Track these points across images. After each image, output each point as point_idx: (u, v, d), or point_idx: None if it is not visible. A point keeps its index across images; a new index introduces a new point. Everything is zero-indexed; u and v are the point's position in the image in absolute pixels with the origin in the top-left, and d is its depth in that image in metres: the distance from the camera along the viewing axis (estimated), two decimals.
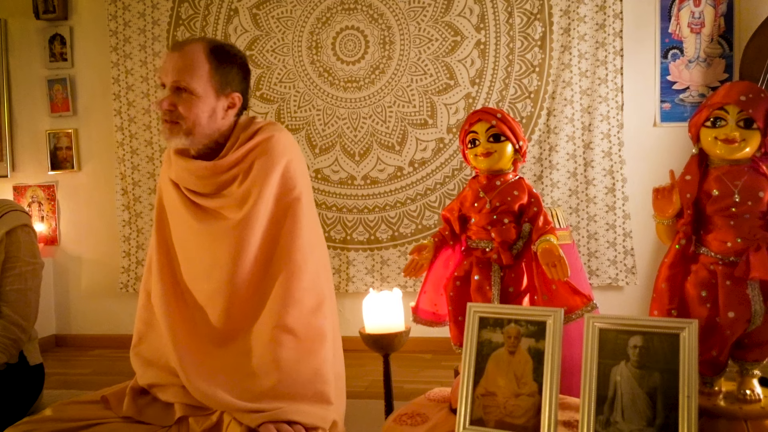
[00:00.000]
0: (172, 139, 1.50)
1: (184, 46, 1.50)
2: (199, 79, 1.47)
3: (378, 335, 1.58)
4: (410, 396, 1.63)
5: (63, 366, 3.11)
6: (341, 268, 3.40)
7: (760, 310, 1.25)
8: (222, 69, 1.50)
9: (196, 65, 1.47)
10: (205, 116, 1.49)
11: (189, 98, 1.46)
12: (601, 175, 3.16)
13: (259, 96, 3.45)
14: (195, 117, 1.47)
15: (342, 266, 3.40)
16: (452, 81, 3.29)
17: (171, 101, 1.47)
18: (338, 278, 3.38)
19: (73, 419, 1.43)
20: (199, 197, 1.55)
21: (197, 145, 1.52)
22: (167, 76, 1.48)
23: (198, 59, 1.47)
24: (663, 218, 1.35)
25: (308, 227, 1.52)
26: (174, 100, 1.47)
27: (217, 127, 1.53)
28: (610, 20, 3.13)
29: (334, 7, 3.39)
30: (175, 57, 1.49)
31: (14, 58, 3.78)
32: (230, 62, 1.53)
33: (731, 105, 1.25)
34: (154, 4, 3.55)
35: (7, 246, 1.95)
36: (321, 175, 3.40)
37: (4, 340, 1.89)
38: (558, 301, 1.38)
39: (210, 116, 1.50)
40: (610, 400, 1.11)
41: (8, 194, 3.76)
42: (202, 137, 1.51)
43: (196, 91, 1.46)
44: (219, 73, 1.50)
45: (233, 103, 1.53)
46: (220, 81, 1.50)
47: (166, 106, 1.48)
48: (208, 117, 1.49)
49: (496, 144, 1.44)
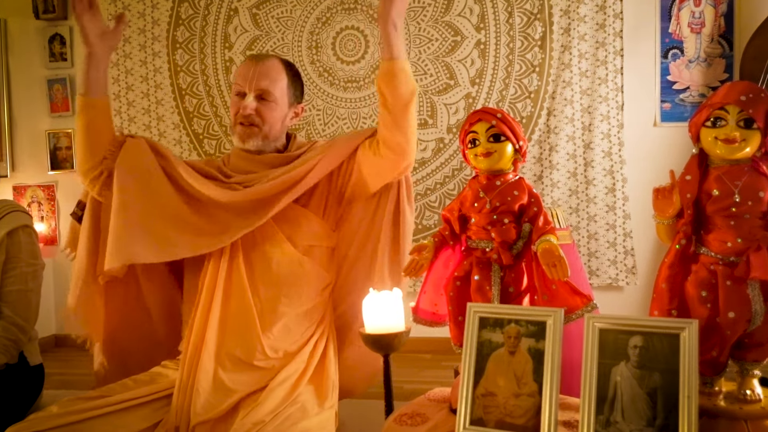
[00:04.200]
0: (249, 140, 1.69)
1: (264, 60, 1.70)
2: (281, 89, 1.69)
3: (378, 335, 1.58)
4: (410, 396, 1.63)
5: (63, 366, 3.11)
6: None
7: (760, 310, 1.25)
8: (294, 82, 1.74)
9: (279, 77, 1.69)
10: (279, 122, 1.71)
11: (271, 105, 1.67)
12: (601, 175, 3.16)
13: None
14: (273, 121, 1.69)
15: None
16: (452, 81, 3.29)
17: (255, 107, 1.66)
18: None
19: (77, 412, 1.45)
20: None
21: (268, 147, 1.72)
22: (250, 83, 1.66)
23: (279, 71, 1.70)
24: (663, 218, 1.35)
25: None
26: (257, 106, 1.67)
27: (283, 132, 1.76)
28: (610, 20, 3.13)
29: (334, 7, 3.39)
30: (258, 67, 1.67)
31: (14, 58, 3.78)
32: (299, 77, 1.78)
33: (731, 105, 1.25)
34: (154, 4, 3.55)
35: (8, 247, 1.95)
36: None
37: (4, 340, 1.89)
38: (558, 301, 1.37)
39: (282, 122, 1.72)
40: (610, 400, 1.11)
41: (8, 194, 3.76)
42: (273, 140, 1.72)
43: (277, 99, 1.67)
44: (293, 86, 1.73)
45: (297, 112, 1.76)
46: (293, 93, 1.73)
47: (250, 111, 1.65)
48: (280, 123, 1.72)
49: (496, 144, 1.44)
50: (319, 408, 1.55)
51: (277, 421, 1.47)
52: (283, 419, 1.48)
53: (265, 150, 1.72)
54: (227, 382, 1.53)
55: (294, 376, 1.58)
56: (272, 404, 1.49)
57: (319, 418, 1.53)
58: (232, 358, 1.57)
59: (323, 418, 1.54)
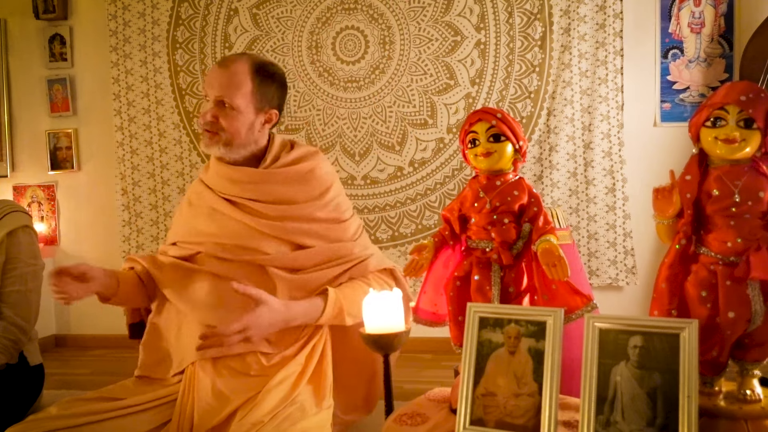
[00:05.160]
0: (211, 147, 1.63)
1: (230, 64, 1.62)
2: (242, 96, 1.60)
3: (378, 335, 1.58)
4: (410, 396, 1.63)
5: (63, 366, 3.11)
6: None
7: (760, 310, 1.25)
8: (263, 87, 1.64)
9: (241, 83, 1.60)
10: (244, 130, 1.63)
11: (231, 113, 1.59)
12: (601, 175, 3.16)
13: None
14: (235, 130, 1.61)
15: None
16: (452, 81, 3.29)
17: (214, 113, 1.60)
18: None
19: (77, 415, 1.45)
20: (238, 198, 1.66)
21: (234, 155, 1.65)
22: (212, 89, 1.61)
23: (242, 77, 1.60)
24: (663, 218, 1.35)
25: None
26: (217, 113, 1.60)
27: (254, 139, 1.66)
28: (610, 20, 3.13)
29: (334, 7, 3.39)
30: (220, 73, 1.61)
31: (14, 58, 3.78)
32: (271, 80, 1.66)
33: (731, 105, 1.25)
34: (154, 4, 3.55)
35: (8, 247, 1.95)
36: None
37: (4, 341, 1.89)
38: (558, 301, 1.38)
39: (248, 130, 1.63)
40: (610, 400, 1.11)
41: (8, 194, 3.76)
42: (239, 148, 1.64)
43: (238, 107, 1.59)
44: (260, 92, 1.63)
45: (270, 118, 1.67)
46: (261, 98, 1.63)
47: (209, 118, 1.60)
48: (246, 130, 1.63)
49: (496, 144, 1.44)
50: (318, 408, 1.55)
51: (275, 421, 1.47)
52: (282, 419, 1.48)
53: (235, 158, 1.66)
54: (225, 391, 1.52)
55: (292, 377, 1.57)
56: (271, 404, 1.48)
57: (318, 418, 1.53)
58: (229, 369, 1.56)
59: (321, 418, 1.55)
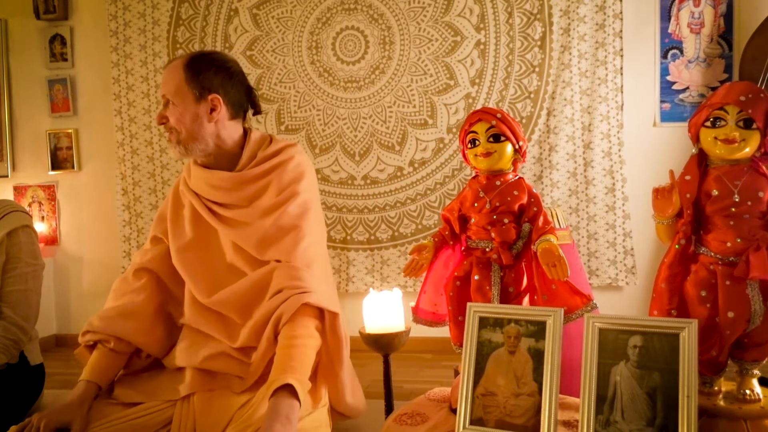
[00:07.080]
0: (172, 149, 1.65)
1: (169, 65, 1.66)
2: (177, 88, 1.61)
3: (378, 335, 1.58)
4: (410, 396, 1.64)
5: (63, 366, 3.11)
6: (341, 268, 3.40)
7: (759, 310, 1.25)
8: (197, 76, 1.63)
9: (174, 77, 1.61)
10: (188, 121, 1.60)
11: (173, 108, 1.62)
12: (601, 175, 3.16)
13: (259, 96, 3.44)
14: (181, 124, 1.61)
15: (342, 266, 3.40)
16: (452, 81, 3.29)
17: (162, 113, 1.63)
18: (338, 278, 3.38)
19: None
20: (216, 206, 1.66)
21: (196, 153, 1.64)
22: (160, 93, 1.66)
23: (176, 72, 1.62)
24: (663, 218, 1.35)
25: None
26: (164, 113, 1.63)
27: (210, 132, 1.63)
28: (610, 20, 3.13)
29: (334, 7, 3.40)
30: (163, 74, 1.66)
31: (15, 58, 3.78)
32: (206, 68, 1.64)
33: (731, 105, 1.25)
34: (154, 5, 3.55)
35: (8, 247, 1.95)
36: (321, 175, 3.41)
37: (4, 340, 1.89)
38: (558, 301, 1.38)
39: (193, 121, 1.61)
40: (609, 399, 1.11)
41: (8, 194, 3.76)
42: (193, 142, 1.62)
43: (175, 100, 1.61)
44: (194, 80, 1.62)
45: (215, 105, 1.63)
46: (197, 86, 1.62)
47: (158, 119, 1.65)
48: (191, 122, 1.61)
49: (496, 144, 1.44)
50: (313, 407, 1.55)
51: None
52: None
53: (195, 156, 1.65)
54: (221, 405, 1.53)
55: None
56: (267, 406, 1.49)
57: (313, 417, 1.53)
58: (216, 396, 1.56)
59: (317, 417, 1.55)
